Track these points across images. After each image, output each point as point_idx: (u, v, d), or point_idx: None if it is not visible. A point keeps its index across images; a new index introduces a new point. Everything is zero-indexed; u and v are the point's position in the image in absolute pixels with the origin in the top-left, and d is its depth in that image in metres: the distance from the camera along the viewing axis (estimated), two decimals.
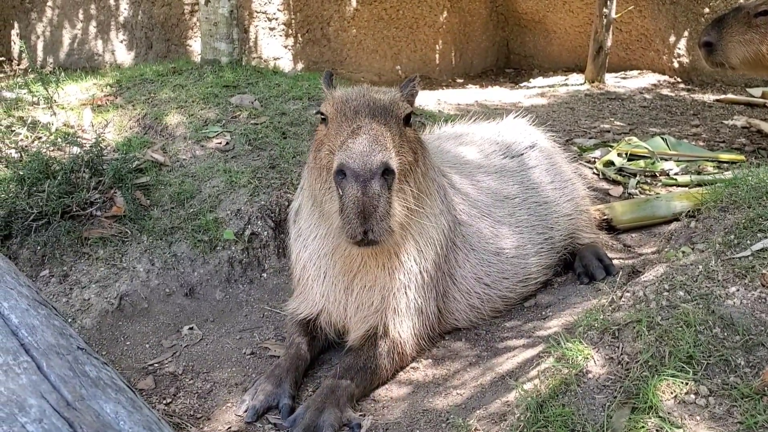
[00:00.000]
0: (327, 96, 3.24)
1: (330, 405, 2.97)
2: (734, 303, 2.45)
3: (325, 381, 3.15)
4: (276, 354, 3.56)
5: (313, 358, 3.46)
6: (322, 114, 3.19)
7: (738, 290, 2.52)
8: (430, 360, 3.50)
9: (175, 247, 4.16)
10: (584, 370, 2.49)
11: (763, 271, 2.57)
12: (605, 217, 4.93)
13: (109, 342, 3.76)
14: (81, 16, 9.87)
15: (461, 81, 11.37)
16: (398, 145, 3.00)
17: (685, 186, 5.79)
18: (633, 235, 4.84)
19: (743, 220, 2.94)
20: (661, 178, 6.10)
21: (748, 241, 2.80)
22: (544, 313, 3.80)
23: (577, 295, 3.87)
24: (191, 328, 3.85)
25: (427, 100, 8.95)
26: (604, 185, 5.99)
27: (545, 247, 3.99)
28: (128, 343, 3.76)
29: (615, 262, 4.24)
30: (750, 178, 3.27)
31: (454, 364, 3.43)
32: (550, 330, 3.46)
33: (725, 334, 2.33)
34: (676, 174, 6.10)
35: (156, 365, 3.59)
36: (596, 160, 6.37)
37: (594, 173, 6.14)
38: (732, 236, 2.89)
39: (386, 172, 2.79)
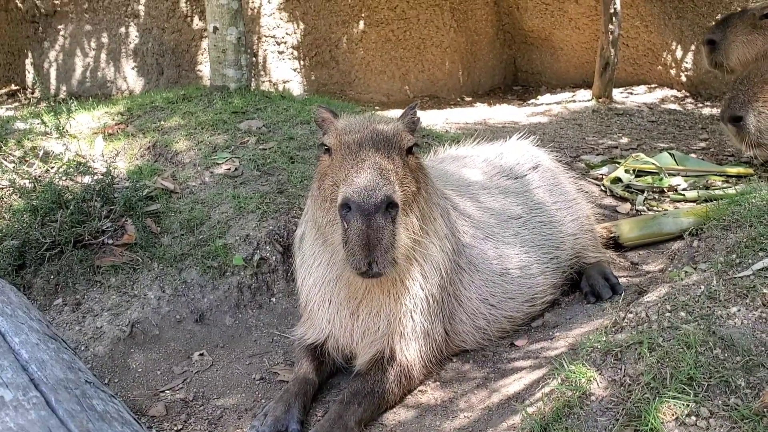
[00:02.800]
0: (330, 127, 3.29)
1: (338, 430, 3.00)
2: (735, 323, 2.47)
3: (333, 406, 3.18)
4: (285, 379, 3.60)
5: (321, 382, 3.49)
6: (325, 145, 3.24)
7: (739, 310, 2.53)
8: (438, 383, 3.52)
9: (185, 274, 4.22)
10: (587, 393, 2.51)
11: (764, 291, 2.58)
12: (612, 235, 4.95)
13: (121, 369, 3.81)
14: (93, 45, 10.06)
15: (469, 99, 11.43)
16: (401, 177, 3.06)
17: (693, 201, 5.78)
18: (641, 252, 4.84)
19: (745, 239, 2.96)
20: (669, 193, 6.09)
21: (750, 261, 2.82)
22: (551, 333, 3.81)
23: (585, 315, 3.88)
24: (201, 354, 3.90)
25: (435, 119, 9.01)
26: (612, 202, 6.00)
27: (551, 266, 4.01)
28: (140, 370, 3.82)
29: (622, 280, 4.24)
30: (752, 196, 3.28)
31: (462, 387, 3.44)
32: (557, 350, 3.47)
33: (726, 355, 2.34)
34: (684, 189, 6.10)
35: (167, 392, 3.63)
36: (603, 177, 6.38)
37: (601, 190, 6.15)
38: (734, 255, 2.91)
39: (390, 205, 2.85)
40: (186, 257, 4.29)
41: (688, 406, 2.21)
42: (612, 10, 9.24)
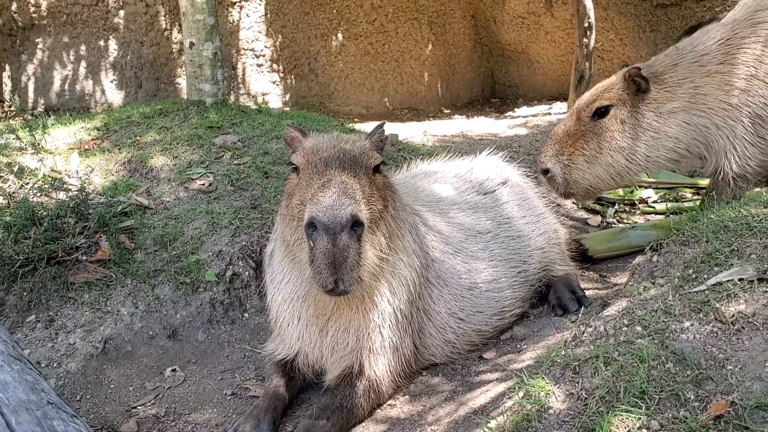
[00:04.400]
0: (298, 146, 3.34)
1: None
2: (688, 338, 2.54)
3: (302, 421, 3.22)
4: (256, 394, 3.64)
5: (292, 398, 3.53)
6: (293, 164, 3.30)
7: (692, 325, 2.61)
8: (407, 396, 3.57)
9: (158, 290, 4.25)
10: (546, 406, 2.57)
11: (717, 306, 2.66)
12: (582, 248, 5.04)
13: (93, 386, 3.83)
14: (71, 58, 10.06)
15: (448, 111, 11.55)
16: (368, 195, 3.11)
17: (663, 214, 5.91)
18: (609, 264, 4.94)
19: (701, 255, 3.05)
20: (639, 206, 6.22)
21: (705, 276, 2.90)
22: (519, 345, 3.88)
23: (552, 327, 3.96)
24: (174, 370, 3.93)
25: (413, 131, 9.09)
26: (583, 215, 6.11)
27: (519, 280, 4.08)
28: (112, 386, 3.84)
29: (589, 293, 4.33)
30: (709, 213, 3.38)
31: (431, 400, 3.50)
32: (524, 363, 3.54)
33: (677, 368, 2.41)
34: (654, 202, 6.23)
35: (139, 408, 3.66)
36: None
37: (573, 203, 6.25)
38: (690, 270, 2.99)
39: (355, 224, 2.91)
40: (159, 273, 4.32)
41: (639, 419, 2.28)
42: (586, 24, 9.39)
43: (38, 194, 4.89)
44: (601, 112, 4.50)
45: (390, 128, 8.44)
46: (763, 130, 4.31)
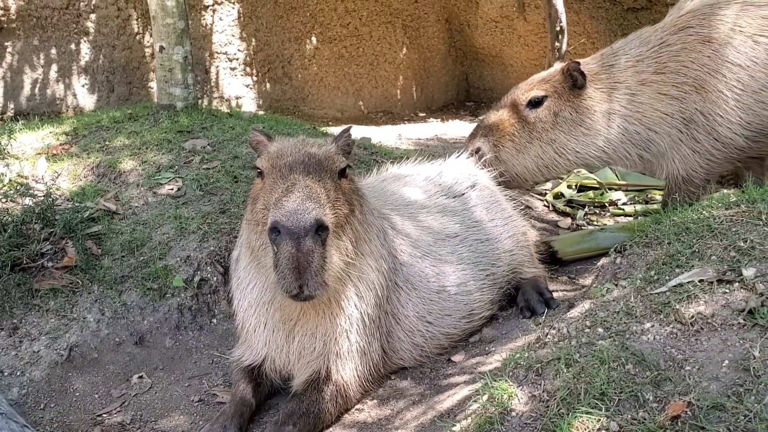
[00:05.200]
0: (263, 150, 3.32)
1: None
2: (648, 339, 2.57)
3: (268, 427, 3.20)
4: (223, 401, 3.61)
5: (259, 403, 3.51)
6: (258, 168, 3.28)
7: (653, 326, 2.64)
8: (376, 400, 3.57)
9: (125, 296, 4.20)
10: (509, 409, 2.58)
11: (677, 307, 2.69)
12: (552, 250, 5.08)
13: (58, 394, 3.77)
14: (42, 61, 9.92)
15: (423, 115, 11.59)
16: (333, 200, 3.10)
17: (632, 216, 5.97)
18: (578, 266, 4.98)
19: (663, 256, 3.08)
20: (609, 208, 6.28)
21: (667, 277, 2.93)
22: (487, 348, 3.90)
23: (520, 330, 3.97)
24: (141, 377, 3.88)
25: (388, 135, 9.11)
26: (554, 217, 6.15)
27: (487, 283, 4.10)
28: (77, 394, 3.79)
29: (557, 294, 4.36)
30: (673, 215, 3.42)
31: (399, 404, 3.50)
32: (492, 365, 3.54)
33: (637, 370, 2.44)
34: (624, 204, 6.29)
35: (104, 415, 3.62)
36: (547, 192, 6.54)
37: (544, 205, 6.30)
38: (652, 272, 3.02)
39: (320, 228, 2.91)
40: (126, 279, 4.28)
41: (599, 420, 2.30)
42: (558, 28, 9.48)
43: (3, 200, 4.81)
44: (536, 102, 4.55)
45: (364, 132, 8.48)
46: (699, 135, 4.37)
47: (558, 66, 4.67)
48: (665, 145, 4.45)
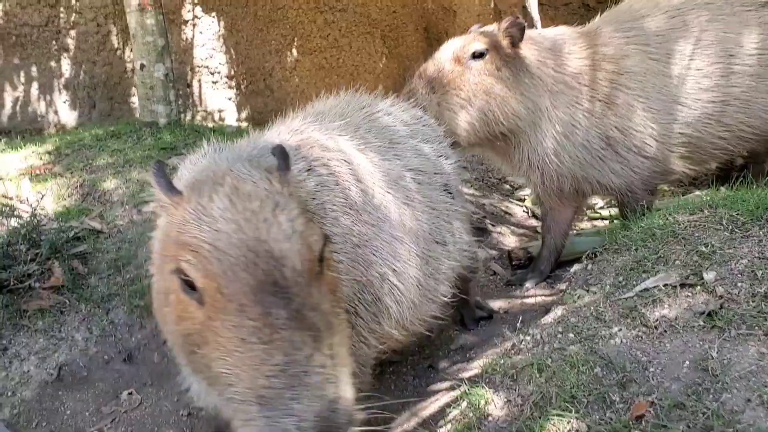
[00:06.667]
0: (176, 233, 2.03)
1: None
2: (615, 342, 2.70)
3: None
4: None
5: None
6: (186, 278, 1.96)
7: (620, 330, 2.77)
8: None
9: (113, 314, 4.28)
10: (485, 413, 2.71)
11: (644, 311, 2.83)
12: (530, 255, 5.21)
13: (49, 413, 3.84)
14: (22, 79, 9.95)
15: None
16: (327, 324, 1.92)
17: (608, 219, 6.12)
18: (556, 271, 5.11)
19: (631, 262, 3.22)
20: (587, 212, 6.42)
21: (634, 282, 3.07)
22: (468, 354, 4.02)
23: (499, 336, 4.10)
24: (130, 393, 3.96)
25: None
26: (533, 222, 6.29)
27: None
28: (68, 412, 3.86)
29: (536, 299, 4.49)
30: (640, 221, 3.56)
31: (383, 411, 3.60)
32: (472, 371, 3.66)
33: (604, 372, 2.57)
34: (600, 208, 6.44)
35: None
36: (526, 198, 6.68)
37: (524, 211, 6.43)
38: (621, 278, 3.16)
39: None
40: (113, 297, 4.35)
41: (569, 422, 2.42)
42: None
43: None
44: (479, 55, 4.40)
45: None
46: (620, 148, 4.39)
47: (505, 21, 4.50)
48: (592, 156, 4.44)
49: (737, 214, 3.20)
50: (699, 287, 2.80)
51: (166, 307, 2.15)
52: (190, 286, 1.94)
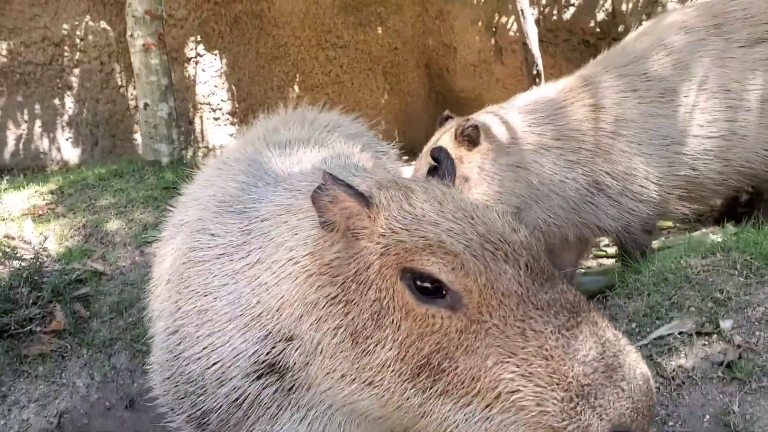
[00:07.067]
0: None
1: None
2: None
3: None
4: None
5: None
6: (421, 284, 1.78)
7: None
8: None
9: (115, 359, 4.21)
10: None
11: (659, 360, 2.77)
12: None
13: None
14: (25, 117, 9.99)
15: (407, 158, 11.71)
16: None
17: (614, 257, 6.05)
18: None
19: (644, 308, 3.16)
20: (592, 250, 6.35)
21: (648, 329, 3.01)
22: None
23: None
24: None
25: None
26: None
27: None
28: None
29: None
30: (651, 264, 3.51)
31: None
32: None
33: None
34: (606, 245, 6.37)
35: None
36: None
37: None
38: (634, 324, 3.10)
39: None
40: (115, 342, 4.29)
41: None
42: (535, 71, 9.71)
43: None
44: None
45: None
46: (611, 192, 4.45)
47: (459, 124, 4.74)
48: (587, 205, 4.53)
49: (751, 258, 3.15)
50: (715, 335, 2.74)
51: (376, 333, 1.80)
52: (425, 294, 1.73)
